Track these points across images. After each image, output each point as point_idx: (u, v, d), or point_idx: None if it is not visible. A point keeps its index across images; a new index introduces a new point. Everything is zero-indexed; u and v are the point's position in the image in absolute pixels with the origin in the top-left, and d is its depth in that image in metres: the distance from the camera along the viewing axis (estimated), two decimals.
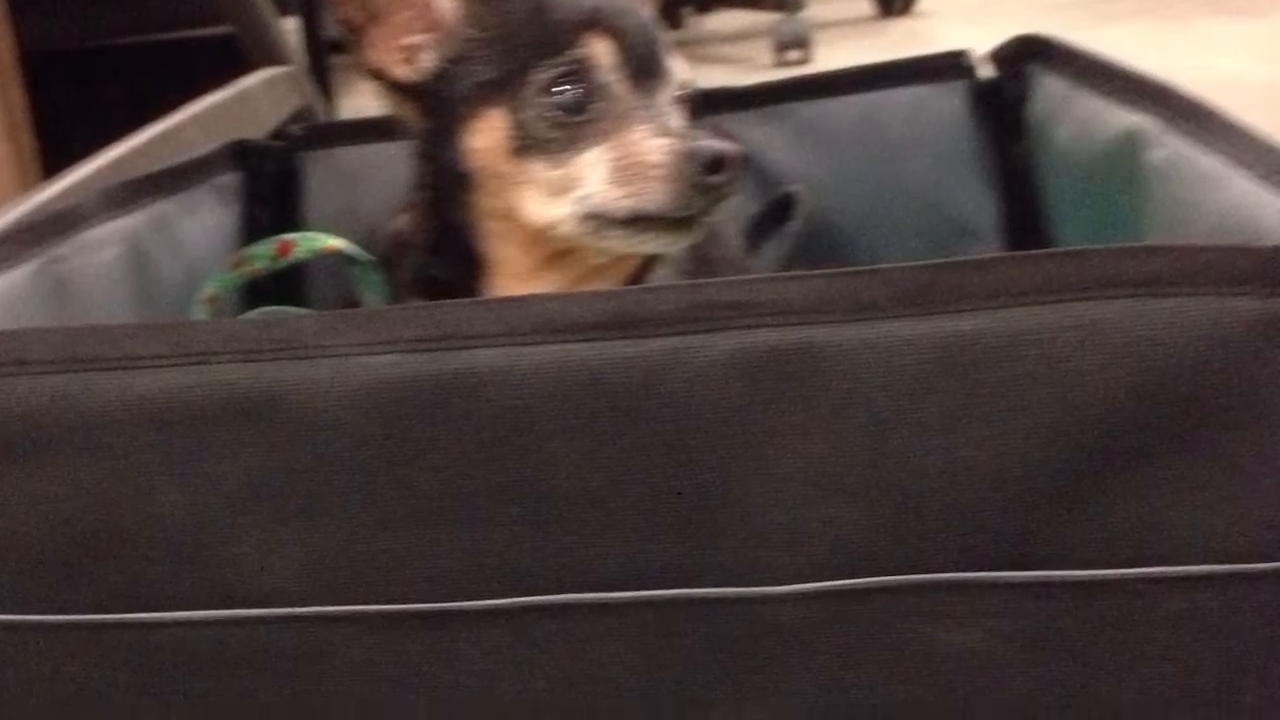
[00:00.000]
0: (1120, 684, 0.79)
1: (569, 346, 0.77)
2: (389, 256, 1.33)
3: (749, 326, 0.77)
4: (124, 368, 0.79)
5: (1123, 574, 0.78)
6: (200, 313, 1.31)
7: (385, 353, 0.78)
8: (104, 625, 0.82)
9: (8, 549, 0.81)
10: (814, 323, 0.77)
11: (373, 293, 1.37)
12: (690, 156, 1.02)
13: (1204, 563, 0.77)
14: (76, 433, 0.79)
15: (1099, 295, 0.75)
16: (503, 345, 0.78)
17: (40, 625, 0.82)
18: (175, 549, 0.80)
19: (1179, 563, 0.77)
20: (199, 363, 0.79)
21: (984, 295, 0.76)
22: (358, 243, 1.35)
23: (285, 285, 1.49)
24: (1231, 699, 0.79)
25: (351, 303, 1.34)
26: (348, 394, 0.78)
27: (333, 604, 0.81)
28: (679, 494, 0.78)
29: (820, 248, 1.52)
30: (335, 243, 1.35)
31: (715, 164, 1.02)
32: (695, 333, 0.77)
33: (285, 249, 1.35)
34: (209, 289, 1.33)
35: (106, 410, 0.79)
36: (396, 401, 0.78)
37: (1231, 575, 0.77)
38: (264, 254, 1.35)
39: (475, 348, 0.78)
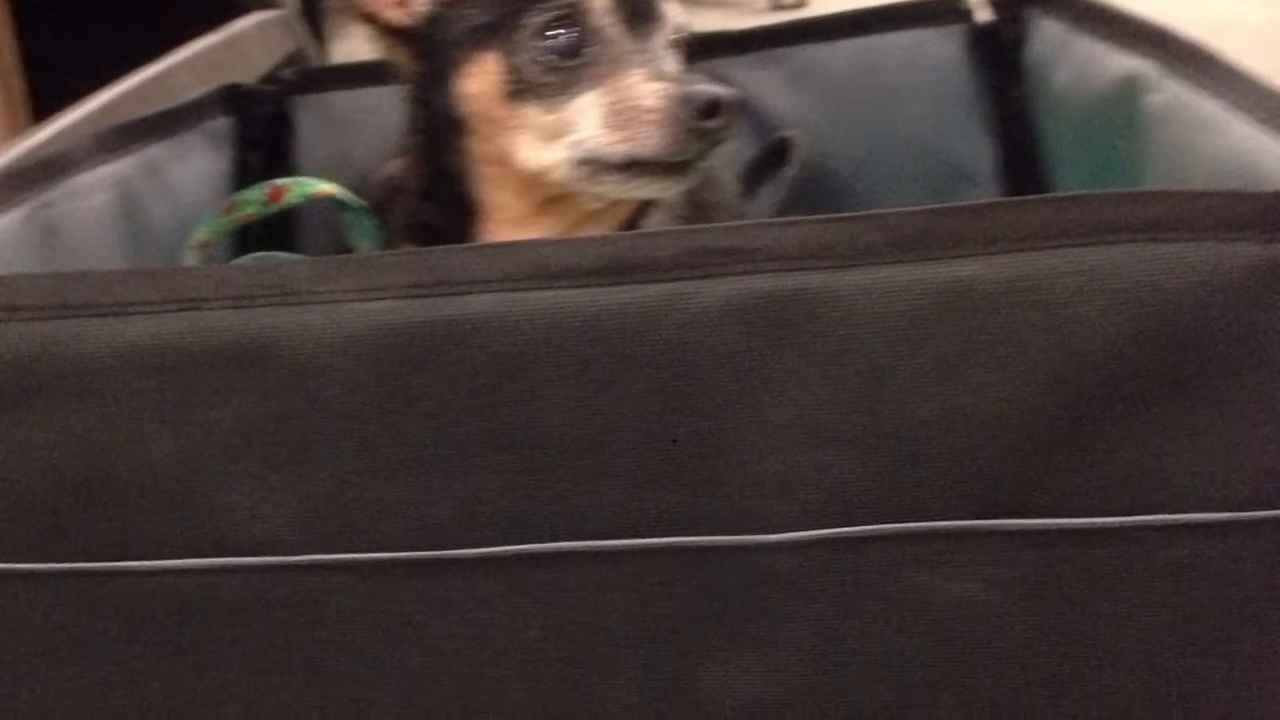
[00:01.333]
0: (1118, 633, 0.79)
1: (563, 292, 0.76)
2: (381, 202, 1.32)
3: (745, 272, 0.76)
4: (115, 314, 0.79)
5: (1121, 522, 0.77)
6: (191, 258, 1.30)
7: (378, 299, 0.77)
8: (94, 574, 0.81)
9: None
10: (810, 268, 0.76)
11: (365, 238, 1.36)
12: (685, 101, 1.01)
13: (1203, 511, 0.77)
14: (67, 379, 0.79)
15: (1098, 240, 0.74)
16: (496, 291, 0.77)
17: (30, 574, 0.82)
18: (166, 496, 0.80)
19: (1178, 511, 0.77)
20: (190, 309, 0.78)
21: (982, 240, 0.75)
22: (350, 188, 1.34)
23: (277, 231, 1.48)
24: (1230, 648, 0.79)
25: (344, 249, 1.33)
26: (340, 340, 0.77)
27: (324, 552, 0.80)
28: (674, 441, 0.77)
29: (817, 193, 1.51)
30: (327, 188, 1.34)
31: (711, 108, 1.01)
32: (691, 279, 0.76)
33: (277, 194, 1.34)
34: (200, 234, 1.32)
35: (97, 357, 0.78)
36: (389, 348, 0.77)
37: (1231, 523, 0.77)
38: (255, 199, 1.34)
39: (469, 294, 0.77)
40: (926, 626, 0.79)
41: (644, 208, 1.18)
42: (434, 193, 1.19)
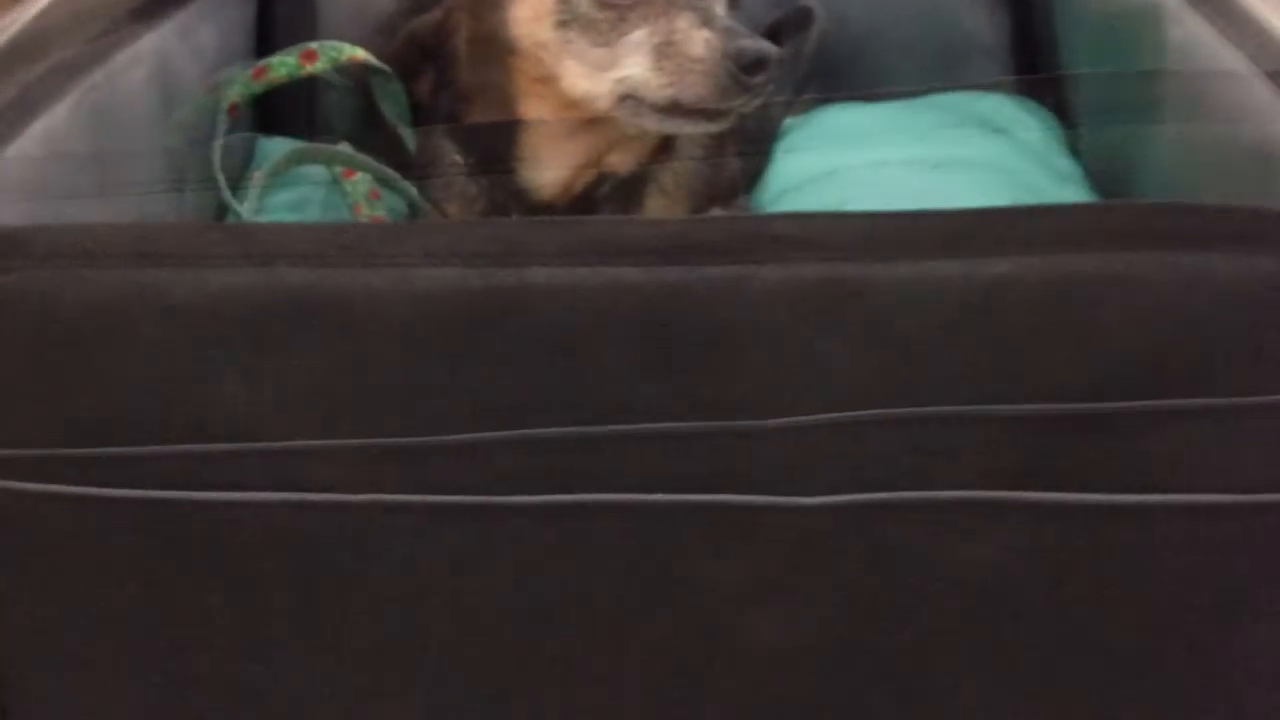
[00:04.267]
0: (1128, 598, 0.85)
1: (621, 270, 0.81)
2: (404, 59, 1.35)
3: (796, 260, 0.80)
4: (195, 266, 0.82)
5: (1136, 500, 0.83)
6: (221, 125, 1.33)
7: (445, 265, 0.82)
8: (167, 503, 0.85)
9: (76, 430, 0.85)
10: (856, 259, 0.80)
11: (391, 103, 1.39)
12: (733, 55, 1.04)
13: (1212, 492, 0.83)
14: (145, 326, 0.82)
15: (1129, 247, 0.79)
16: (558, 265, 0.81)
17: (110, 499, 0.85)
18: (236, 437, 0.84)
19: (1189, 491, 0.83)
20: (265, 265, 0.82)
21: (1021, 242, 0.80)
22: (368, 37, 1.37)
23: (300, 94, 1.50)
24: (1235, 612, 0.85)
25: (367, 112, 1.37)
26: (407, 303, 0.81)
27: (385, 493, 0.85)
28: (717, 409, 0.83)
29: (829, 66, 1.53)
30: (357, 53, 1.37)
31: (756, 66, 1.04)
32: (743, 263, 0.80)
33: (308, 58, 1.37)
34: (232, 96, 1.35)
35: (176, 306, 0.82)
36: (454, 313, 0.81)
37: (1238, 505, 0.83)
38: (286, 63, 1.37)
39: (532, 265, 0.81)
40: (946, 586, 0.85)
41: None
42: (475, 99, 1.22)
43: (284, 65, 1.36)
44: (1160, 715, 0.88)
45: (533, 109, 1.19)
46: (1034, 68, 1.55)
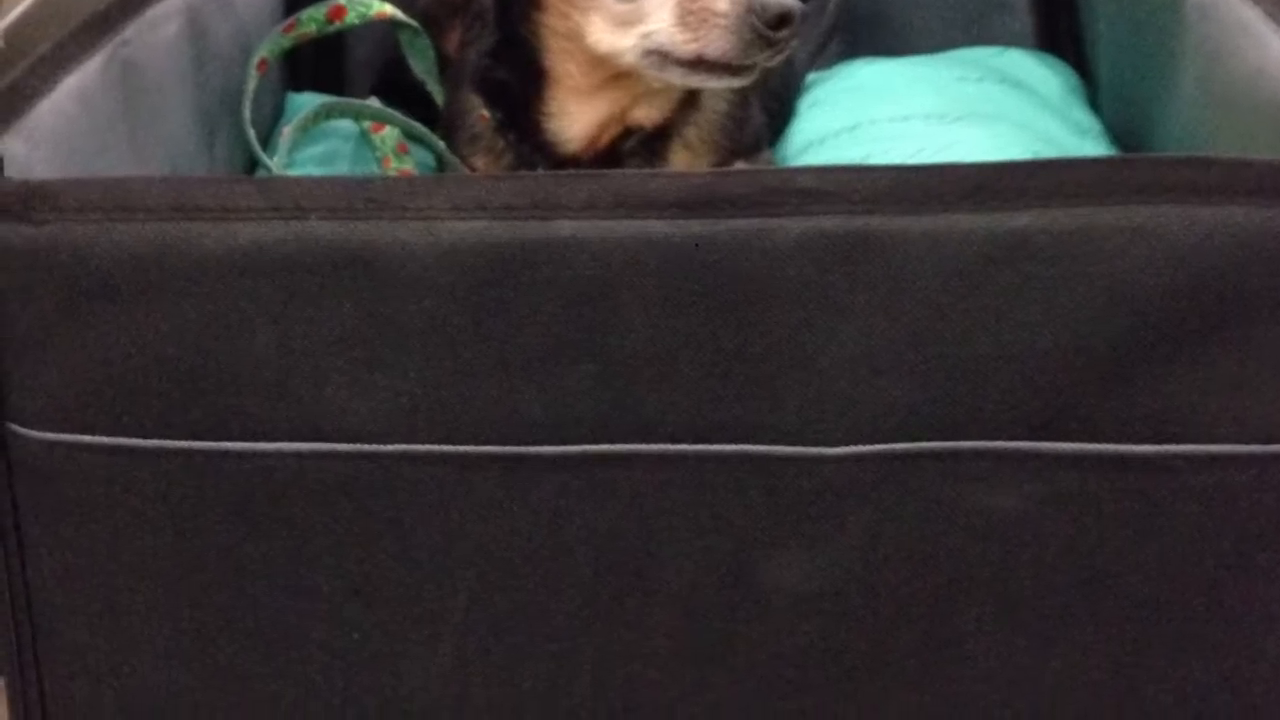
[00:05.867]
0: (1146, 547, 0.86)
1: (647, 223, 0.82)
2: (431, 14, 1.36)
3: (818, 213, 0.82)
4: (226, 219, 0.83)
5: (1155, 450, 0.84)
6: (252, 80, 1.34)
7: (473, 218, 0.83)
8: (201, 452, 0.87)
9: (109, 381, 0.86)
10: (878, 212, 0.81)
11: (419, 58, 1.40)
12: (757, 9, 1.05)
13: (1231, 443, 0.84)
14: (177, 278, 0.84)
15: (1147, 200, 0.80)
16: (584, 218, 0.82)
17: (146, 450, 0.87)
18: (267, 387, 0.86)
19: (1208, 441, 0.84)
20: (296, 218, 0.83)
21: (1040, 195, 0.81)
22: None
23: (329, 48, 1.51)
24: (1250, 561, 0.87)
25: (395, 65, 1.38)
26: (436, 255, 0.83)
27: (414, 443, 0.86)
28: (743, 360, 0.84)
29: (853, 21, 1.54)
30: (385, 9, 1.38)
31: (780, 20, 1.05)
32: (767, 216, 0.82)
33: (337, 14, 1.38)
34: (261, 52, 1.36)
35: (208, 258, 0.83)
36: (482, 265, 0.83)
37: (1255, 455, 0.84)
38: (316, 19, 1.38)
39: (559, 218, 0.82)
40: (965, 533, 0.86)
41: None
42: (503, 55, 1.23)
43: (313, 20, 1.38)
44: (1177, 661, 0.89)
45: (559, 64, 1.20)
46: (1054, 23, 1.55)
